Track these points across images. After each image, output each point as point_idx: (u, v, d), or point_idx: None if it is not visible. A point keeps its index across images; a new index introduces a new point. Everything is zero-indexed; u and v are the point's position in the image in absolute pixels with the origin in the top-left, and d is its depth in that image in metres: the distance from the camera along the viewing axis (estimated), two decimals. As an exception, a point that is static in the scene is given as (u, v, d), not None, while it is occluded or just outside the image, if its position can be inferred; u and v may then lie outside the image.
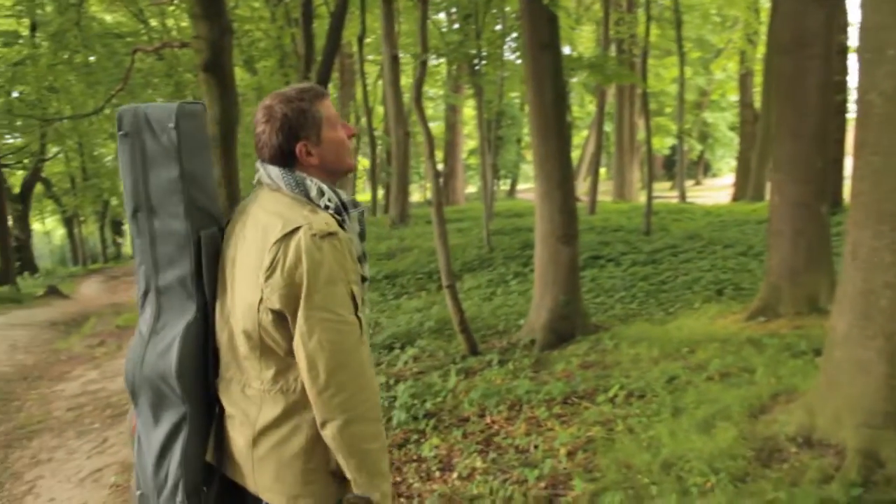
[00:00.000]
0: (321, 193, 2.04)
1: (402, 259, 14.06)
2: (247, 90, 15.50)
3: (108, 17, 20.72)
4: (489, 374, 6.37)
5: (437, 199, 6.81)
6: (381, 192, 28.79)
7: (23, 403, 8.49)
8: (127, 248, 39.04)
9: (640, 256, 11.81)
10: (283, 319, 1.93)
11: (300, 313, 1.89)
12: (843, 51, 13.73)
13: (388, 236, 17.39)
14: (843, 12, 13.81)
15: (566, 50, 16.59)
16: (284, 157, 2.06)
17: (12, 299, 18.11)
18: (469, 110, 32.78)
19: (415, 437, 5.19)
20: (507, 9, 14.54)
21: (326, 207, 2.03)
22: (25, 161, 24.69)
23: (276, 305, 1.90)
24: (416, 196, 34.46)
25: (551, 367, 6.55)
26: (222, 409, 2.10)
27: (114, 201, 30.59)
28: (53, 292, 19.35)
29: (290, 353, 1.95)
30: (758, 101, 24.95)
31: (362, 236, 2.15)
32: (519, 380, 6.06)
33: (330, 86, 27.20)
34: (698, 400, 5.08)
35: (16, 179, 28.33)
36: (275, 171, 2.06)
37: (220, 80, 7.45)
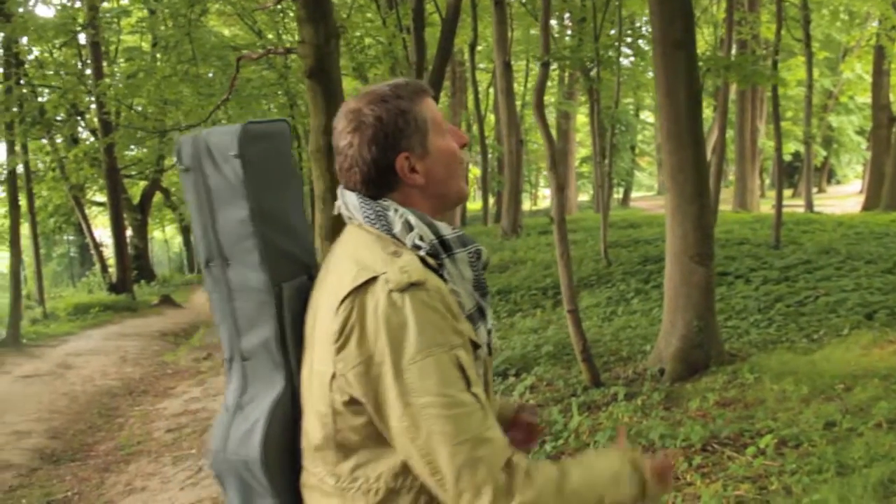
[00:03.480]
0: (408, 228, 1.54)
1: (514, 273, 13.52)
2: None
3: (227, 31, 21.14)
4: (615, 411, 5.73)
5: (559, 215, 6.21)
6: (491, 201, 28.37)
7: (126, 420, 8.38)
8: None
9: (772, 273, 10.89)
10: (360, 404, 1.46)
11: (393, 404, 1.40)
12: None
13: (501, 247, 16.90)
14: None
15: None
16: (381, 178, 1.58)
17: (128, 308, 18.53)
18: (582, 117, 32.11)
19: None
20: (624, 12, 13.94)
21: (417, 248, 1.53)
22: (147, 171, 25.28)
23: (353, 388, 1.44)
24: (525, 205, 33.88)
25: (685, 403, 5.86)
26: None
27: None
28: (167, 301, 19.69)
29: (370, 442, 1.48)
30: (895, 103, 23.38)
31: (479, 285, 1.62)
32: (650, 419, 5.42)
33: (441, 94, 27.19)
34: (868, 455, 4.33)
35: (136, 190, 29.22)
36: (352, 200, 1.60)
37: (327, 88, 7.13)
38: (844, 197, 35.09)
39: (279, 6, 14.26)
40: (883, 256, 11.55)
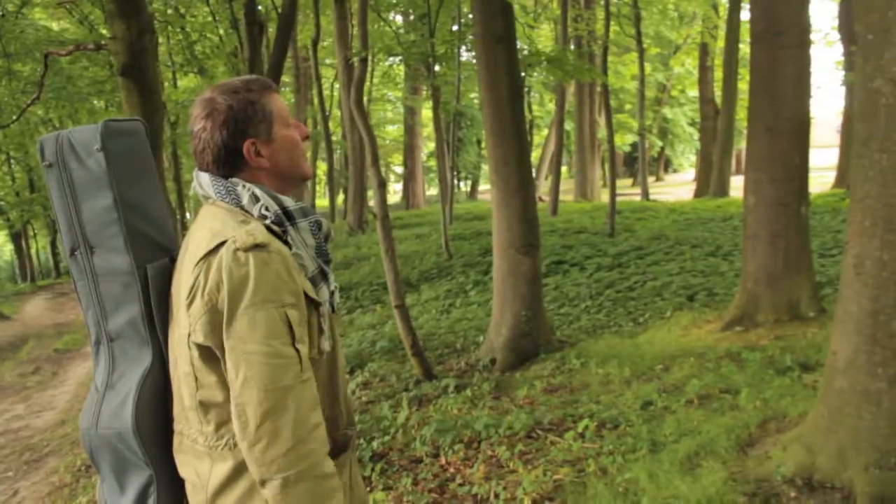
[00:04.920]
0: (255, 200, 1.73)
1: (357, 269, 13.42)
2: (193, 95, 14.79)
3: (55, 25, 19.88)
4: (445, 404, 5.74)
5: (381, 211, 6.16)
6: (340, 198, 28.10)
7: (-65, 444, 7.73)
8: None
9: (605, 260, 11.26)
10: (212, 357, 1.62)
11: (225, 346, 1.57)
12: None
13: (345, 244, 16.74)
14: None
15: (524, 48, 16.04)
16: (230, 160, 1.76)
17: (-53, 321, 17.19)
18: (428, 112, 32.28)
19: (360, 485, 4.54)
20: (465, 9, 14.07)
21: (263, 217, 1.72)
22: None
23: (200, 338, 1.60)
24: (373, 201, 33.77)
25: (513, 392, 5.94)
26: None
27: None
28: (-8, 312, 18.39)
29: (229, 399, 1.63)
30: (718, 96, 24.67)
31: (321, 252, 1.81)
32: (477, 410, 5.45)
33: (286, 91, 26.65)
34: (678, 431, 4.52)
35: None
36: (205, 179, 1.78)
37: (141, 85, 6.81)
38: (680, 185, 36.80)
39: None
40: (707, 241, 12.15)
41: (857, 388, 3.51)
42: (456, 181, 28.23)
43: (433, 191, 42.14)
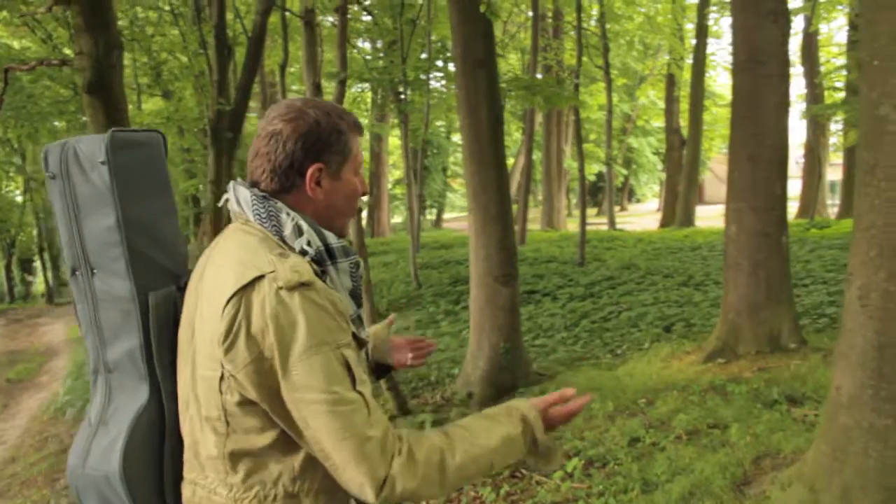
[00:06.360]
0: (298, 232, 1.54)
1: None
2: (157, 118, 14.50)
3: (16, 44, 19.43)
4: (422, 440, 5.52)
5: (357, 239, 5.96)
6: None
7: None
8: (39, 285, 36.97)
9: (577, 290, 11.15)
10: (252, 402, 1.45)
11: (286, 399, 1.41)
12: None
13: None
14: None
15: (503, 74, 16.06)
16: (288, 176, 1.58)
17: None
18: (395, 140, 32.22)
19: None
20: (435, 37, 14.02)
21: (304, 253, 1.53)
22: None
23: (245, 389, 1.43)
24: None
25: (493, 427, 5.73)
26: None
27: (21, 237, 29.06)
28: (-59, 340, 17.75)
29: (266, 446, 1.48)
30: (684, 127, 24.90)
31: (355, 296, 1.64)
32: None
33: (252, 116, 26.40)
34: (670, 469, 4.35)
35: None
36: (245, 196, 1.58)
37: (108, 104, 6.52)
38: (643, 214, 37.11)
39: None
40: (678, 270, 12.11)
41: (863, 425, 3.37)
42: (423, 209, 28.10)
43: (397, 218, 42.06)
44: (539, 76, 18.25)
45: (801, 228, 16.71)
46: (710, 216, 25.40)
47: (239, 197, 1.60)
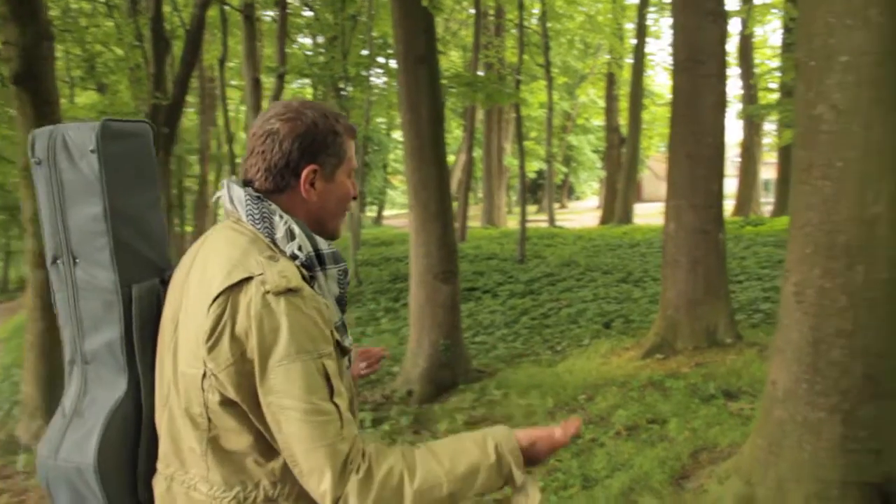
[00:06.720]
0: (290, 236, 1.53)
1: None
2: (91, 112, 14.13)
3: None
4: (362, 439, 5.46)
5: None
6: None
7: None
8: None
9: (517, 287, 11.19)
10: (234, 402, 1.44)
11: (262, 401, 1.41)
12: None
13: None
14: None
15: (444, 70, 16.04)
16: (283, 176, 1.57)
17: None
18: (333, 136, 31.93)
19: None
20: (374, 33, 13.94)
21: (294, 258, 1.51)
22: None
23: (226, 389, 1.42)
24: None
25: (434, 425, 5.72)
26: None
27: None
28: None
29: (248, 446, 1.46)
30: (623, 126, 25.21)
31: (341, 303, 1.63)
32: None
33: (190, 111, 25.96)
34: (610, 465, 4.38)
35: None
36: (239, 195, 1.56)
37: (37, 96, 6.33)
38: (583, 212, 37.47)
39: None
40: (617, 267, 12.23)
41: (798, 419, 3.43)
42: (363, 206, 27.98)
43: (339, 216, 41.79)
44: (480, 73, 18.28)
45: (736, 226, 17.02)
46: (649, 213, 25.77)
47: (233, 196, 1.59)
